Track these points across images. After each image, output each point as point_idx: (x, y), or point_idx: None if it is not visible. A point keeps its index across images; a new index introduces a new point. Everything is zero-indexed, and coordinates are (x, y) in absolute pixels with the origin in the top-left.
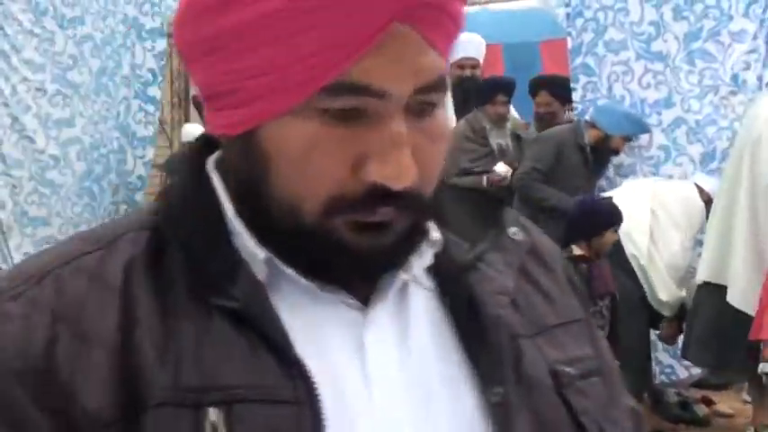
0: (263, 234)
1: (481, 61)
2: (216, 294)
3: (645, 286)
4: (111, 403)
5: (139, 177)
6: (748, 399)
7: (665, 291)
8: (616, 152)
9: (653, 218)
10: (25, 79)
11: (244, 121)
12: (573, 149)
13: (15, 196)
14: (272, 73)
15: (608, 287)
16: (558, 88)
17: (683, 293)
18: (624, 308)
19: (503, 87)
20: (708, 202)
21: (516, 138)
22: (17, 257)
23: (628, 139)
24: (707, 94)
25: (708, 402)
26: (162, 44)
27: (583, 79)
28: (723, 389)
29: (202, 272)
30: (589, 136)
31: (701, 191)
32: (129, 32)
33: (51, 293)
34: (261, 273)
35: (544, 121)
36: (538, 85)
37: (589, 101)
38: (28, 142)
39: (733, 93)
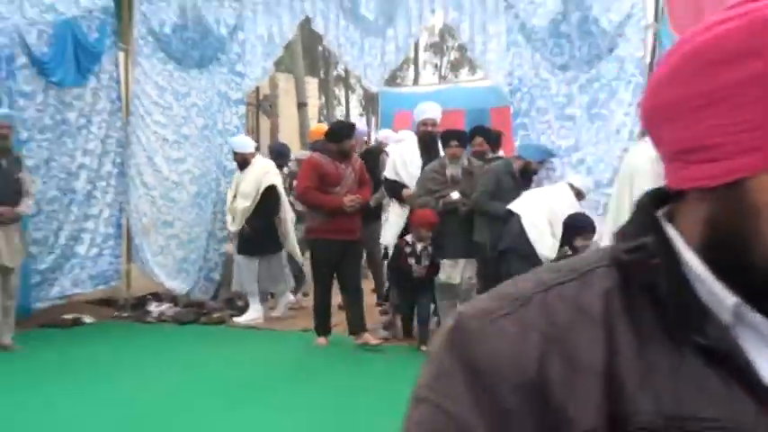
0: (733, 281)
1: (438, 121)
2: (691, 332)
3: None
4: (602, 426)
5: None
6: None
7: None
8: (535, 173)
9: (552, 215)
10: (155, 132)
11: (728, 172)
12: (507, 176)
13: (153, 207)
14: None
15: None
16: (489, 135)
17: None
18: None
19: (456, 136)
20: (578, 194)
21: (468, 172)
22: (150, 252)
23: (541, 162)
24: (601, 141)
25: None
26: (242, 109)
27: (521, 132)
28: None
29: (674, 311)
30: (517, 165)
31: (572, 187)
32: (222, 101)
33: (538, 315)
34: (726, 316)
35: (479, 155)
36: (475, 133)
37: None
38: (158, 173)
39: (617, 141)
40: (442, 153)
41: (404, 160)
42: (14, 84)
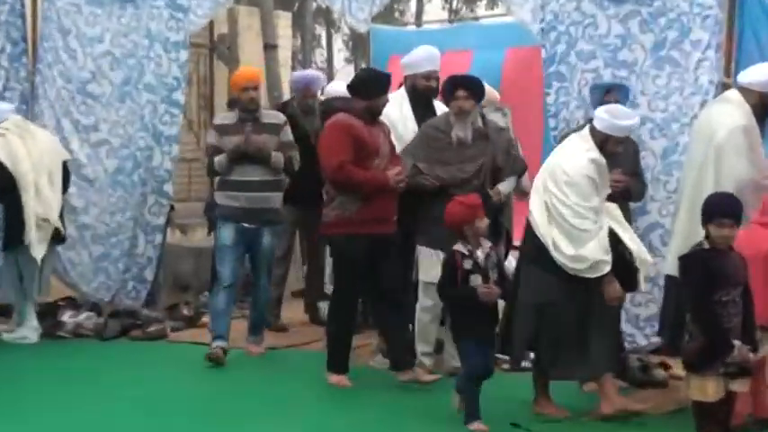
0: None
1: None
2: None
3: None
4: None
5: (166, 171)
6: None
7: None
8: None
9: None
10: (63, 89)
11: None
12: None
13: None
14: None
15: (739, 277)
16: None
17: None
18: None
19: (464, 83)
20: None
21: (482, 135)
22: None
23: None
24: (672, 94)
25: (666, 367)
26: (184, 55)
27: (556, 84)
28: (679, 354)
29: None
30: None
31: (594, 132)
32: (152, 45)
33: None
34: None
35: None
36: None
37: (561, 103)
38: (66, 142)
39: (693, 94)
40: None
41: (391, 124)
42: None
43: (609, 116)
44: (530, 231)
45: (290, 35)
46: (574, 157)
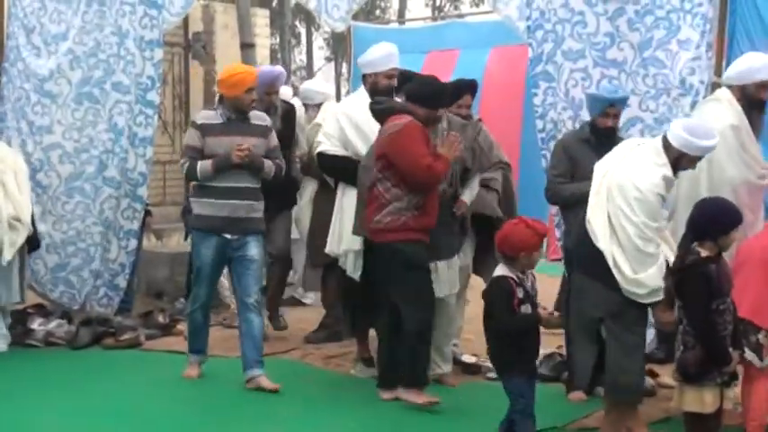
0: None
1: None
2: None
3: None
4: None
5: (141, 174)
6: None
7: None
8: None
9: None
10: (20, 88)
11: None
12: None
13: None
14: None
15: (731, 283)
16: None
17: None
18: None
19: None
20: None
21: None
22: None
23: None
24: (661, 95)
25: (653, 375)
26: (159, 53)
27: (543, 85)
28: (667, 363)
29: None
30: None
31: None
32: (122, 43)
33: None
34: None
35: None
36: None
37: (549, 104)
38: (24, 144)
39: (682, 95)
40: None
41: (355, 124)
42: None
43: (687, 134)
44: (587, 240)
45: (269, 33)
46: (647, 173)
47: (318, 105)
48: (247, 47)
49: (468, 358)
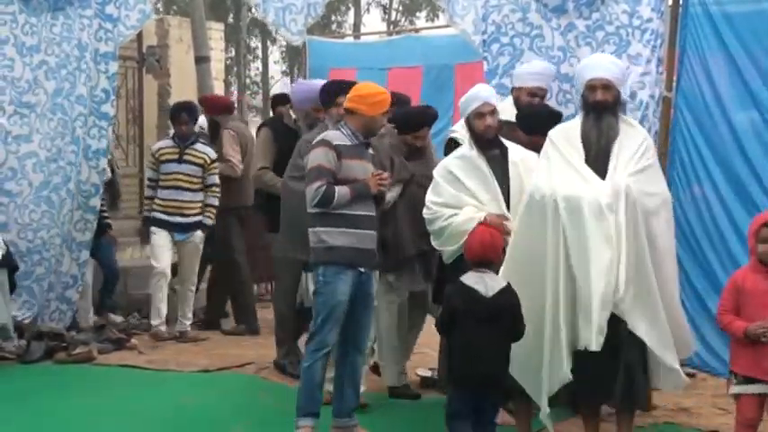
0: None
1: None
2: None
3: None
4: None
5: (93, 185)
6: None
7: None
8: None
9: None
10: None
11: None
12: None
13: None
14: None
15: None
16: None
17: None
18: None
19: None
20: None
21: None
22: None
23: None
24: None
25: None
26: (114, 67)
27: (498, 98)
28: None
29: None
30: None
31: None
32: (83, 56)
33: None
34: None
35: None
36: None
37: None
38: None
39: (631, 110)
40: None
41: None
42: None
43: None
44: None
45: (224, 47)
46: None
47: None
48: (202, 60)
49: (423, 372)
